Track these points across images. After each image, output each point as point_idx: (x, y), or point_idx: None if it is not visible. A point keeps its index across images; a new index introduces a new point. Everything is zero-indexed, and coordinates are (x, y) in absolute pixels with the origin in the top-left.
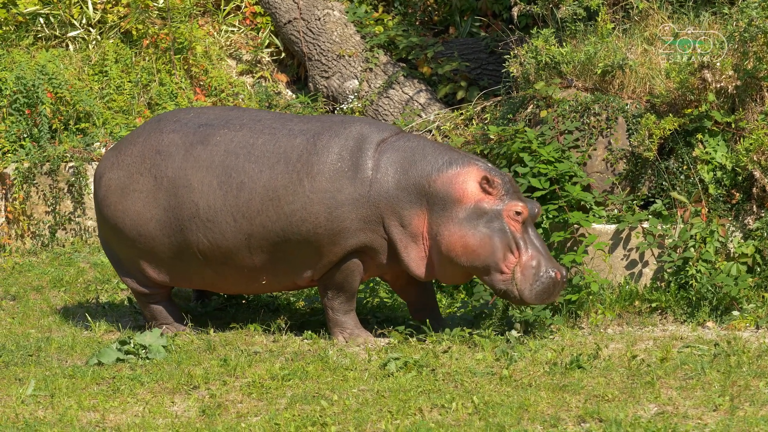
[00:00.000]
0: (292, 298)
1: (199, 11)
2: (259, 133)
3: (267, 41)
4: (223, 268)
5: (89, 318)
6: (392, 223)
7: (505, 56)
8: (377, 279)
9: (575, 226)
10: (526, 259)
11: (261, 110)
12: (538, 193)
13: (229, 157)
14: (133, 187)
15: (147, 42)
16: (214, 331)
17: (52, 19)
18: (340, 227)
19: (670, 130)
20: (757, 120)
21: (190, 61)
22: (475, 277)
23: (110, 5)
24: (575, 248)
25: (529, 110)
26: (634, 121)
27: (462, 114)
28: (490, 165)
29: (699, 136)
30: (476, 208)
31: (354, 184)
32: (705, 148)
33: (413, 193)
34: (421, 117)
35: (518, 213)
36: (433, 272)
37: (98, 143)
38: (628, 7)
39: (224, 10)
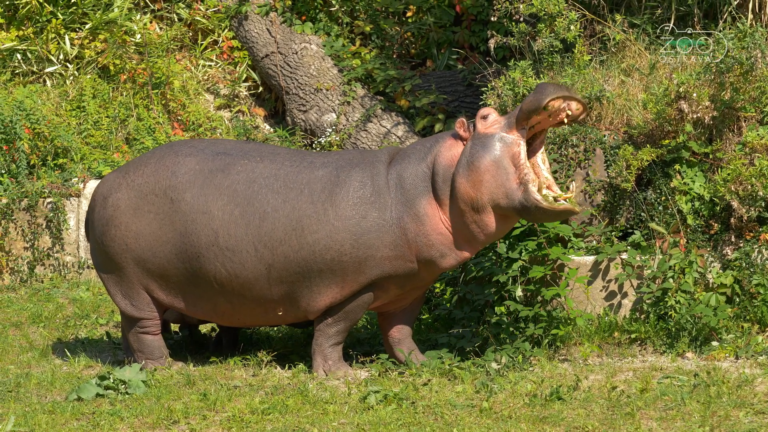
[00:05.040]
0: (271, 332)
1: (177, 46)
2: (280, 165)
3: (244, 75)
4: (239, 298)
5: (68, 353)
6: (417, 233)
7: (483, 88)
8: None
9: (556, 261)
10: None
11: (274, 145)
12: (516, 231)
13: (251, 187)
14: (148, 208)
15: (124, 77)
16: (194, 366)
17: (29, 55)
18: (366, 255)
19: (647, 161)
20: (734, 150)
21: (168, 96)
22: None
23: (87, 41)
24: (556, 281)
25: None
26: (611, 152)
27: None
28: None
29: (677, 166)
30: (463, 155)
31: (378, 210)
32: (683, 178)
33: (420, 185)
34: None
35: (485, 117)
36: (460, 251)
37: (76, 179)
38: (604, 38)
39: (201, 44)
